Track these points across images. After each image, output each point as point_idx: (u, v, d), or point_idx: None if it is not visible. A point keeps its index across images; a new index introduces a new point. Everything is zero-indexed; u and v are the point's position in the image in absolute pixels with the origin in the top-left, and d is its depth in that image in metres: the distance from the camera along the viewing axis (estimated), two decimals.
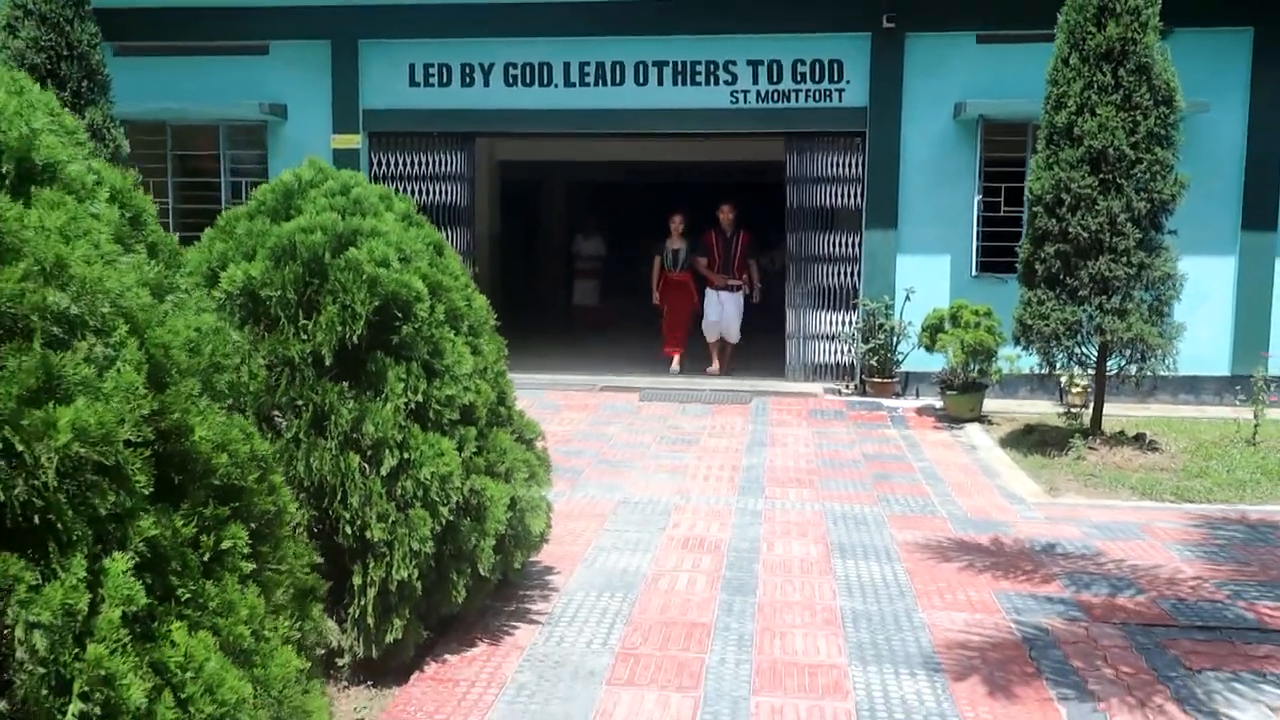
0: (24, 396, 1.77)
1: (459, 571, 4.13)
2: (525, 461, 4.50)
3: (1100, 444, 8.02)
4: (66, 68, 8.68)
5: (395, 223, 4.30)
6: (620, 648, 4.27)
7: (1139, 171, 7.58)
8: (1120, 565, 5.43)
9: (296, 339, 3.89)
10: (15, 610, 1.75)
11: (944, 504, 6.71)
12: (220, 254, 4.10)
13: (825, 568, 5.34)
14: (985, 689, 3.90)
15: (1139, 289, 7.81)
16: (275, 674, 2.18)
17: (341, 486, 3.82)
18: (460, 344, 4.17)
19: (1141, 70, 7.58)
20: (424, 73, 11.63)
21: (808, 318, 11.52)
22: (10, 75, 2.25)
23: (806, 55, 11.14)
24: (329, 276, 3.94)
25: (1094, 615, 4.69)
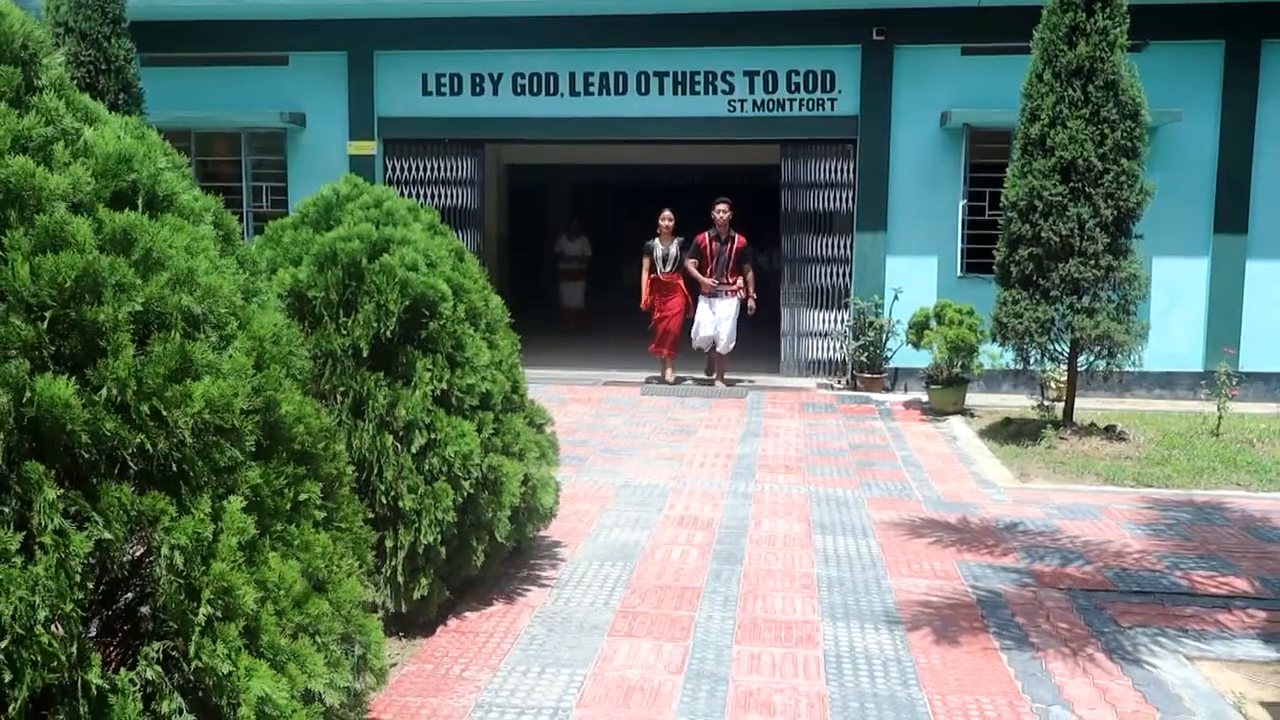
0: (167, 374, 2.35)
1: (478, 539, 4.70)
2: (536, 443, 5.08)
3: (1071, 434, 8.58)
4: (105, 81, 9.26)
5: (422, 232, 4.87)
6: (620, 606, 4.84)
7: (1106, 181, 8.14)
8: (1074, 541, 5.99)
9: (338, 334, 4.46)
10: (160, 535, 2.32)
11: (920, 488, 7.28)
12: (269, 260, 4.68)
13: (806, 542, 5.91)
14: (938, 640, 4.46)
15: (1107, 289, 8.37)
16: (344, 598, 2.75)
17: (378, 462, 4.39)
18: (479, 339, 4.75)
19: (1109, 86, 8.13)
20: (436, 82, 12.21)
21: (801, 316, 12.10)
22: (134, 123, 2.83)
23: (800, 66, 11.72)
24: (365, 279, 4.51)
25: (1043, 582, 5.25)
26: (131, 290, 2.33)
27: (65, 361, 2.30)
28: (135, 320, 2.35)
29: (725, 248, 11.18)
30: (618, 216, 19.76)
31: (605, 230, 19.27)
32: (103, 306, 2.33)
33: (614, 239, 18.69)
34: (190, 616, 2.34)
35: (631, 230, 17.71)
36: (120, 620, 2.38)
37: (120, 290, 2.35)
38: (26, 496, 2.18)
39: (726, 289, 11.22)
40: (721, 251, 11.17)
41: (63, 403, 2.22)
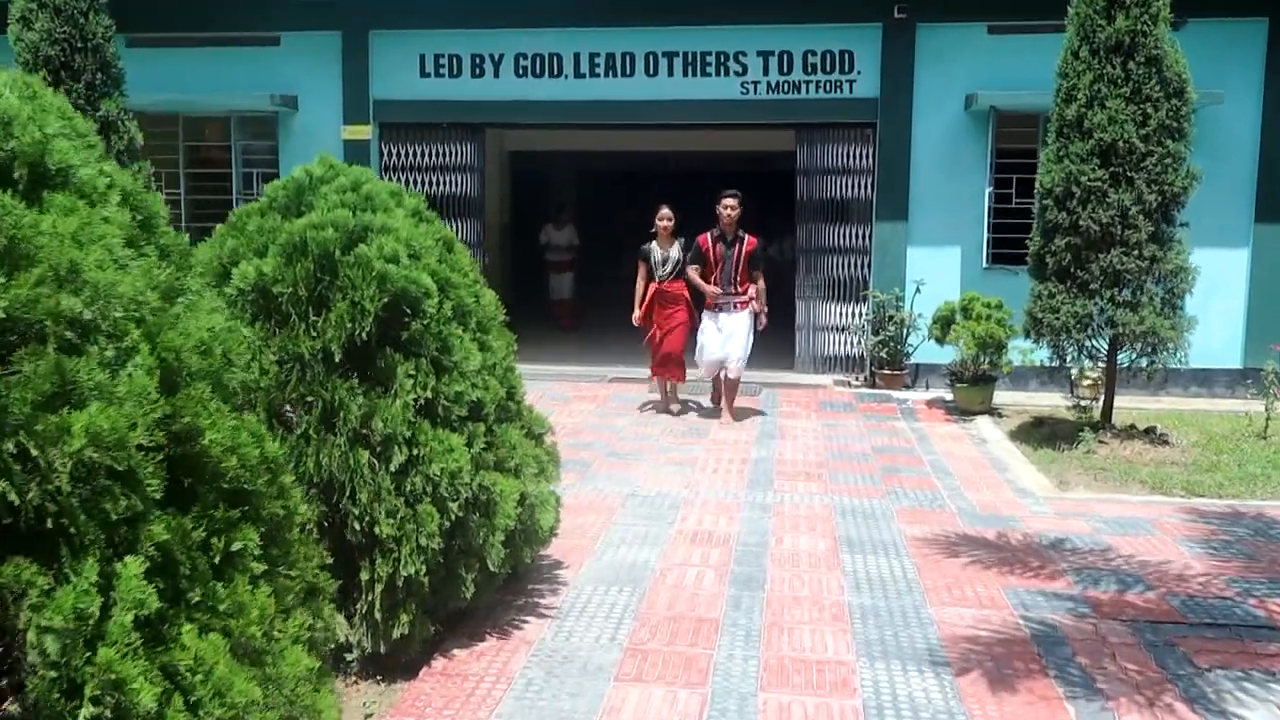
0: (38, 401, 1.79)
1: (467, 567, 4.15)
2: (534, 457, 4.52)
3: (1111, 438, 8.01)
4: (81, 60, 8.70)
5: (405, 219, 4.31)
6: (628, 643, 4.28)
7: (1150, 164, 7.55)
8: (1129, 561, 5.42)
9: (307, 335, 3.91)
10: (27, 615, 1.77)
11: (953, 498, 6.71)
12: (232, 250, 4.12)
13: (833, 562, 5.35)
14: (992, 687, 3.90)
15: (1150, 282, 7.78)
16: (286, 673, 2.20)
17: (350, 483, 3.84)
18: (468, 340, 4.19)
19: (1152, 62, 7.54)
20: (434, 63, 11.64)
21: (817, 309, 11.52)
22: (23, 79, 2.27)
23: (817, 46, 11.12)
24: (339, 273, 3.96)
25: (1102, 612, 4.69)
26: None
27: None
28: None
29: (732, 250, 9.07)
30: (622, 205, 19.13)
31: (609, 220, 18.65)
32: None
33: (616, 228, 18.04)
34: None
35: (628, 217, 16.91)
36: None
37: None
38: None
39: (735, 300, 9.14)
40: (728, 255, 9.08)
41: None
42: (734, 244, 9.08)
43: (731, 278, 9.12)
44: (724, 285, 9.10)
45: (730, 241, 9.08)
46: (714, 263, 9.09)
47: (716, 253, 9.09)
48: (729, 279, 9.12)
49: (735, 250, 9.08)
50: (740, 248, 9.08)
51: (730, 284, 9.13)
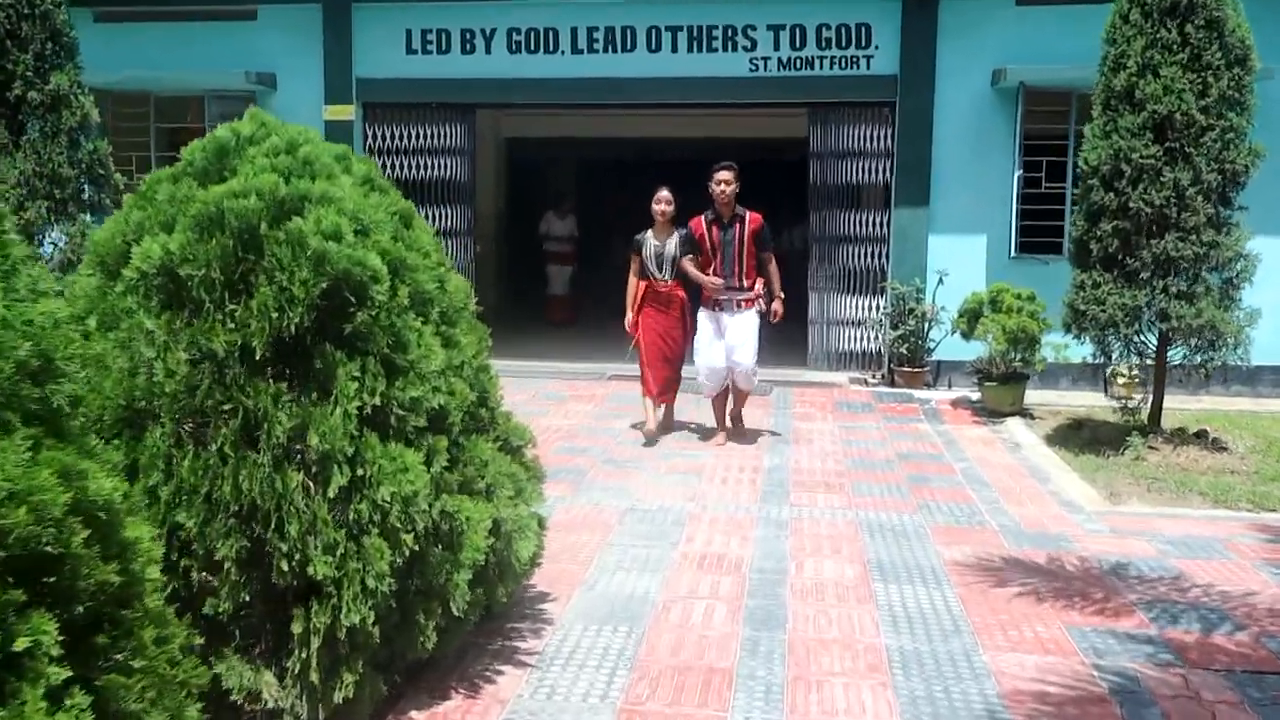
0: None
1: (427, 612, 3.40)
2: (510, 475, 3.76)
3: (1161, 443, 7.24)
4: (28, 28, 7.90)
5: (353, 188, 3.56)
6: (623, 702, 3.53)
7: (1209, 139, 6.77)
8: (1208, 592, 4.67)
9: (223, 328, 3.15)
10: None
11: (992, 513, 5.95)
12: (137, 224, 3.37)
13: (864, 594, 4.59)
14: None
15: (1207, 270, 7.01)
16: None
17: (277, 511, 3.08)
18: (429, 335, 3.44)
19: (1212, 25, 6.77)
20: (421, 39, 10.88)
21: (831, 302, 10.74)
22: None
23: (831, 19, 10.34)
24: (265, 251, 3.21)
25: (1189, 658, 3.93)
26: None
27: None
28: None
29: (731, 233, 7.40)
30: (623, 194, 18.30)
31: (609, 210, 17.82)
32: None
33: (616, 219, 17.21)
34: None
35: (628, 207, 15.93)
36: None
37: None
38: None
39: (739, 296, 7.47)
40: (727, 239, 7.40)
41: None
42: (732, 225, 7.40)
43: (734, 268, 7.43)
44: (725, 276, 7.42)
45: (728, 223, 7.40)
46: (711, 250, 7.44)
47: (713, 238, 7.40)
48: (731, 269, 7.42)
49: (735, 233, 7.38)
50: (741, 229, 7.38)
51: (733, 275, 7.43)
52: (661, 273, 7.65)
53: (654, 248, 7.66)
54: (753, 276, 7.52)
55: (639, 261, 7.73)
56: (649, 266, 7.68)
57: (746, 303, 7.49)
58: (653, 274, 7.68)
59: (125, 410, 3.14)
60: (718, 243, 7.44)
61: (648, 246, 7.68)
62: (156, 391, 3.12)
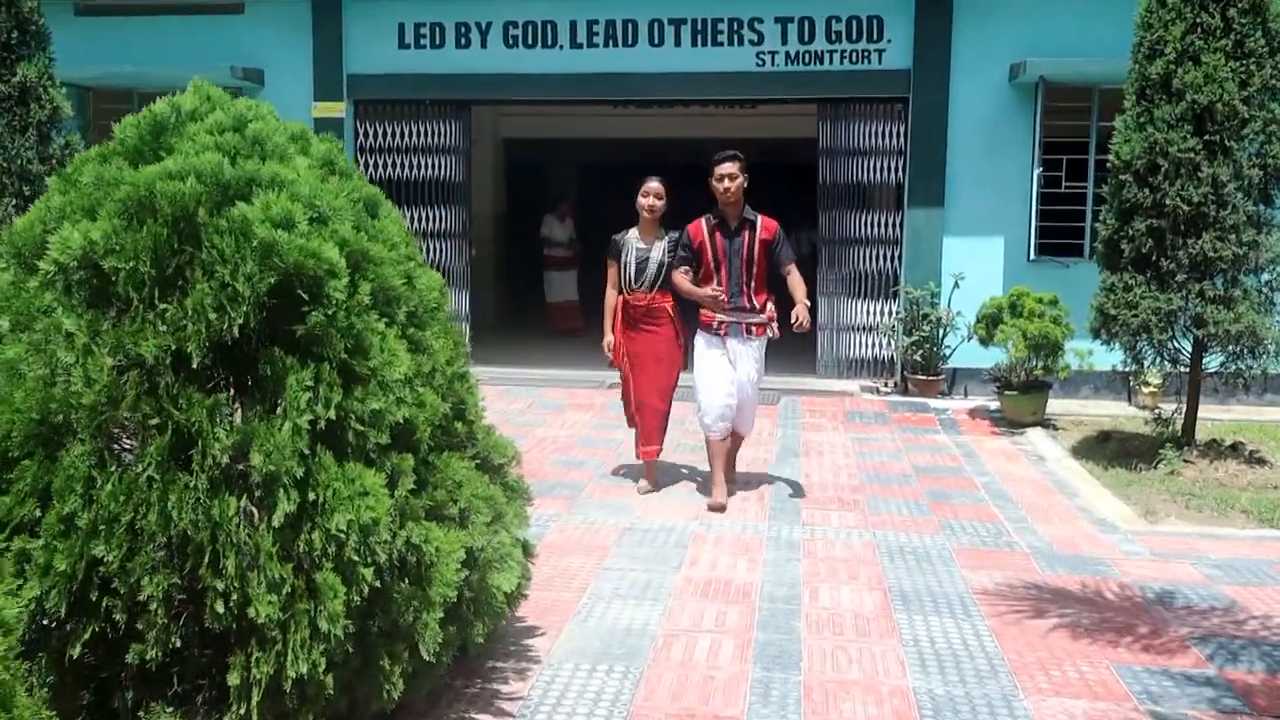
0: None
1: (393, 655, 2.96)
2: (488, 499, 3.30)
3: (1196, 456, 6.78)
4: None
5: (309, 170, 3.13)
6: None
7: (1251, 132, 6.33)
8: (1267, 624, 4.22)
9: (154, 330, 2.73)
10: None
11: (1020, 533, 5.51)
12: (58, 210, 2.94)
13: (887, 627, 4.14)
14: None
15: (1244, 273, 6.57)
16: None
17: (213, 543, 2.65)
18: (393, 338, 3.00)
19: (1255, 10, 6.32)
20: (414, 33, 10.46)
21: (842, 307, 10.29)
22: None
23: (842, 11, 9.90)
24: (204, 241, 2.78)
25: (1257, 705, 3.48)
26: None
27: None
28: None
29: (737, 242, 5.92)
30: (624, 197, 17.83)
31: (609, 213, 17.37)
32: None
33: (614, 222, 16.76)
34: None
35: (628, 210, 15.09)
36: None
37: None
38: None
39: (749, 319, 5.99)
40: (733, 249, 5.92)
41: None
42: (740, 232, 5.92)
43: (742, 283, 5.95)
44: (732, 294, 5.95)
45: (735, 229, 5.93)
46: (713, 262, 5.94)
47: (716, 246, 5.93)
48: (739, 285, 5.95)
49: (744, 242, 5.91)
50: (751, 237, 5.90)
51: (741, 293, 5.96)
52: (639, 284, 6.16)
53: (636, 251, 6.17)
54: (763, 296, 6.03)
55: (617, 268, 6.26)
56: (627, 274, 6.19)
57: (758, 329, 6.01)
58: (627, 283, 6.20)
59: (39, 425, 2.71)
60: (722, 253, 5.93)
61: (628, 249, 6.19)
62: (75, 403, 2.69)
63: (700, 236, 5.98)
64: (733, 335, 5.99)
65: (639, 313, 6.21)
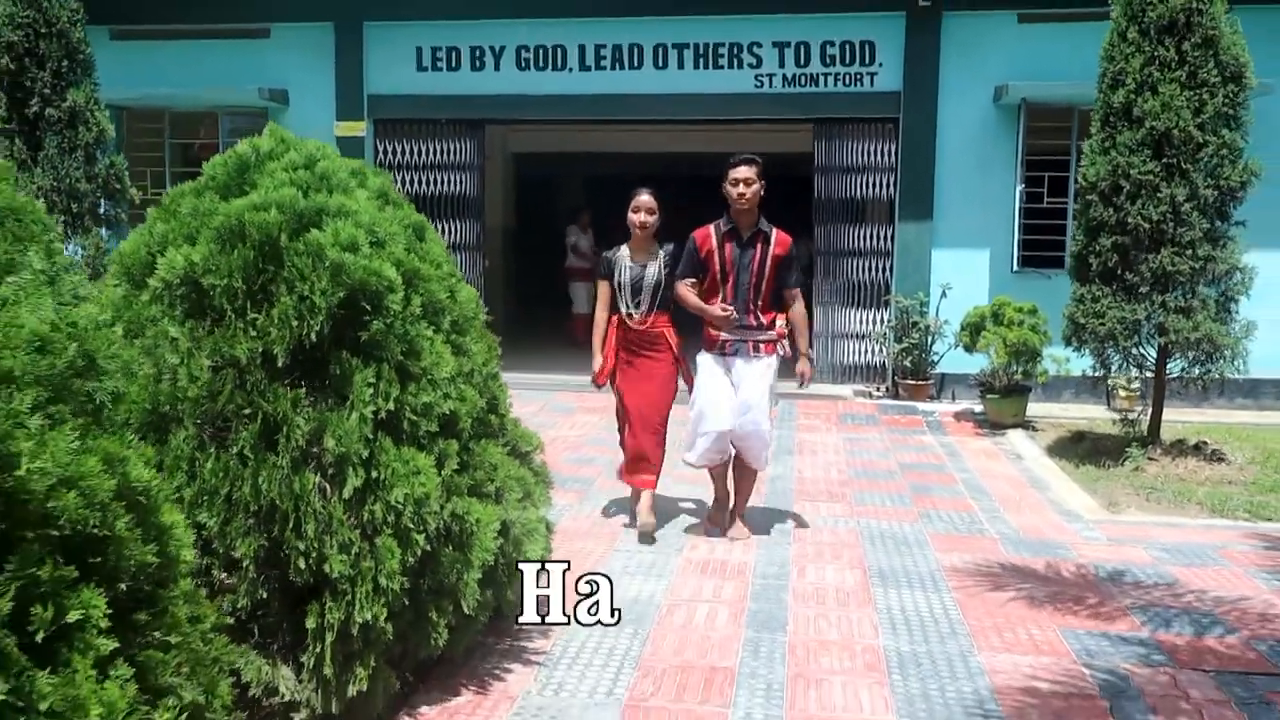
0: None
1: (439, 609, 3.52)
2: (519, 479, 3.88)
3: (1160, 454, 7.34)
4: (46, 46, 8.12)
5: (368, 201, 3.70)
6: (628, 697, 3.65)
7: (1206, 155, 6.90)
8: (1201, 597, 4.76)
9: (245, 336, 3.29)
10: None
11: (992, 521, 6.06)
12: (161, 236, 3.51)
13: (864, 599, 4.70)
14: None
15: (1204, 284, 7.12)
16: None
17: (295, 511, 3.21)
18: (440, 343, 3.56)
19: (1208, 44, 6.90)
20: (431, 56, 11.06)
21: (836, 315, 10.86)
22: None
23: (836, 36, 10.49)
24: (285, 262, 3.34)
25: (1179, 659, 4.03)
26: None
27: None
28: None
29: (751, 253, 5.50)
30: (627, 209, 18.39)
31: (616, 226, 17.94)
32: None
33: (623, 235, 17.33)
34: None
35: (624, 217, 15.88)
36: None
37: None
38: None
39: (756, 337, 5.56)
40: (743, 261, 5.50)
41: None
42: (753, 243, 5.50)
43: (749, 299, 5.52)
44: (739, 310, 5.52)
45: (748, 239, 5.50)
46: (720, 273, 5.52)
47: (726, 257, 5.48)
48: (745, 301, 5.53)
49: (756, 253, 5.49)
50: (764, 249, 5.49)
51: (749, 309, 5.54)
52: (636, 305, 5.71)
53: (629, 271, 5.72)
54: (771, 313, 5.61)
55: (609, 288, 5.82)
56: (620, 296, 5.76)
57: (767, 347, 5.57)
58: (623, 307, 5.75)
59: (151, 414, 3.27)
60: (731, 264, 5.50)
61: (621, 268, 5.75)
62: (180, 396, 3.25)
63: (709, 244, 5.52)
64: (738, 354, 5.55)
65: (635, 336, 5.75)
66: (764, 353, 5.56)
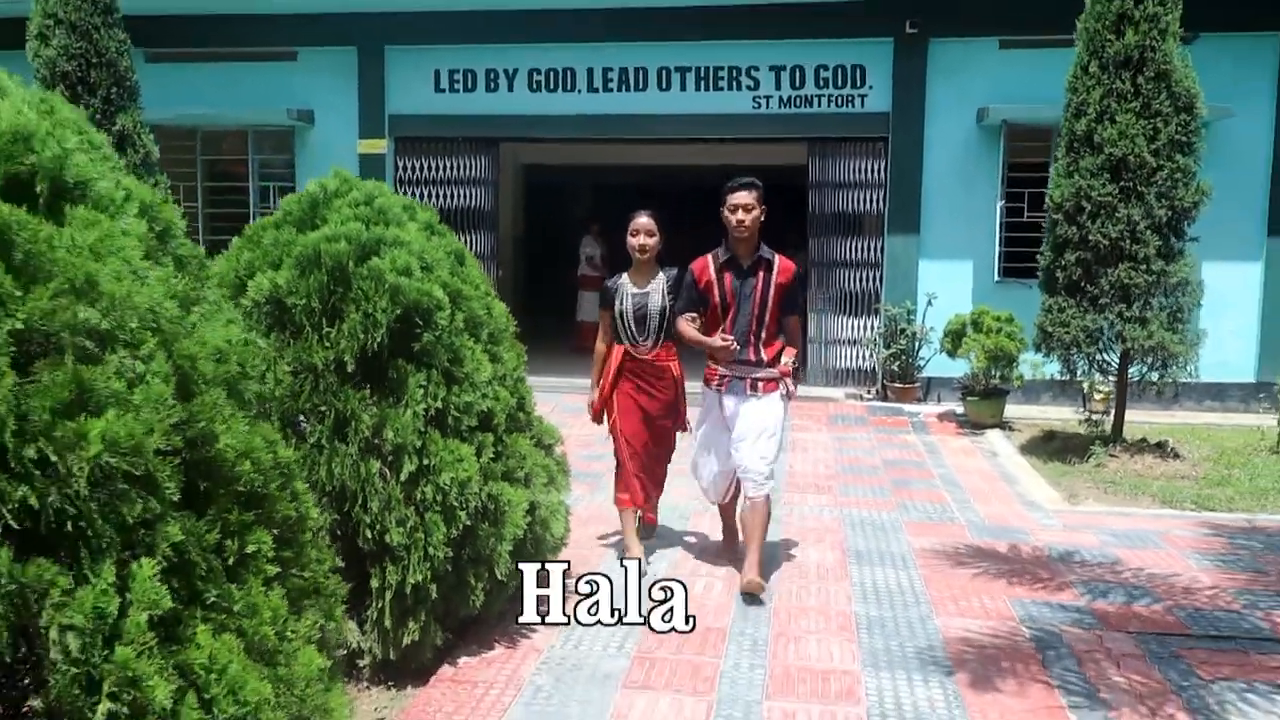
0: (57, 409, 1.86)
1: (477, 576, 4.20)
2: (544, 467, 4.57)
3: (1121, 451, 8.01)
4: (97, 75, 8.82)
5: (417, 232, 4.38)
6: (637, 651, 4.32)
7: (1159, 179, 7.58)
8: (1138, 574, 5.44)
9: (320, 346, 3.97)
10: (50, 613, 1.83)
11: (962, 510, 6.74)
12: (247, 263, 4.19)
13: (841, 574, 5.38)
14: (996, 696, 3.93)
15: (1159, 296, 7.80)
16: (298, 673, 2.26)
17: (362, 491, 3.90)
18: (479, 351, 4.25)
19: (1161, 77, 7.58)
20: (449, 78, 11.76)
21: (829, 322, 11.55)
22: (40, 95, 2.35)
23: (829, 60, 11.19)
24: (352, 285, 4.02)
25: (1108, 623, 4.71)
26: (8, 302, 1.84)
27: None
28: (15, 340, 1.86)
29: (750, 284, 5.23)
30: None
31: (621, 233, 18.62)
32: None
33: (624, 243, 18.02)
34: (88, 716, 1.85)
35: None
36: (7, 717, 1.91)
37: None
38: None
39: (757, 374, 5.25)
40: (744, 291, 5.23)
41: None
42: (754, 272, 5.22)
43: (750, 332, 5.23)
44: (739, 342, 5.20)
45: (748, 268, 5.22)
46: (721, 305, 5.25)
47: (725, 287, 5.22)
48: (746, 333, 5.23)
49: (758, 283, 5.21)
50: (766, 278, 5.21)
51: (751, 343, 5.25)
52: (642, 335, 5.43)
53: (632, 299, 5.43)
54: (774, 346, 5.31)
55: (609, 317, 5.52)
56: (622, 326, 5.46)
57: (767, 385, 5.24)
58: (628, 336, 5.46)
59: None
60: (731, 295, 5.22)
61: (622, 296, 5.46)
62: (268, 396, 3.93)
63: (707, 275, 5.26)
64: (732, 392, 5.28)
65: (640, 368, 5.49)
66: (763, 391, 5.22)
